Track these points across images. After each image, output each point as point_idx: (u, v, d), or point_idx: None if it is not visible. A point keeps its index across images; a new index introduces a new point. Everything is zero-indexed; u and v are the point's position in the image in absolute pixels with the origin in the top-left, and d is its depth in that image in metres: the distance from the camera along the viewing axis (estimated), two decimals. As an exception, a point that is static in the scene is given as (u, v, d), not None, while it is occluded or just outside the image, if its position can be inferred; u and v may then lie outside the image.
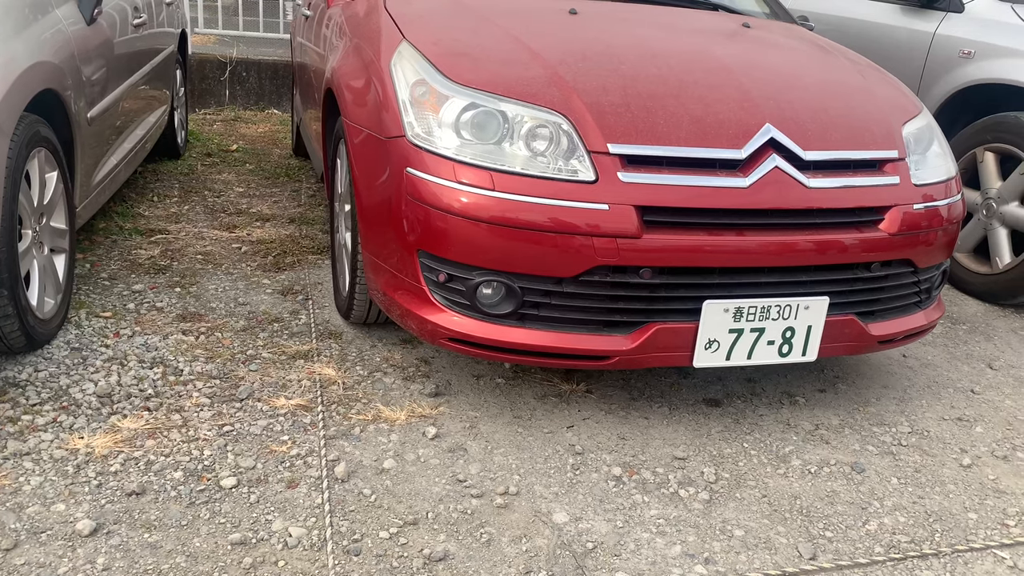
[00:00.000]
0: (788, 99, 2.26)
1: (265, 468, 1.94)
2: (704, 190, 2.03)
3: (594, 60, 2.26)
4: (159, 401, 2.17)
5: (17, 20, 2.24)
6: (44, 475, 1.84)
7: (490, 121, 2.08)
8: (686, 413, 2.36)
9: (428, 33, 2.37)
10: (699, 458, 2.15)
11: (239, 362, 2.43)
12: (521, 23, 2.48)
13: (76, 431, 2.01)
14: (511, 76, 2.16)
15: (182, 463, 1.93)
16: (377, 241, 2.29)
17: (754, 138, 2.11)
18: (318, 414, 2.18)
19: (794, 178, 2.10)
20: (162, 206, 3.86)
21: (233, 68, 6.49)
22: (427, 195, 2.07)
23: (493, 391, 2.39)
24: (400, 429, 2.15)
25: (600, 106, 2.09)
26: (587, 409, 2.34)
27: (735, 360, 2.14)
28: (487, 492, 1.93)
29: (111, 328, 2.56)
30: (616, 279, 2.02)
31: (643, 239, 1.98)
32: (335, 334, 2.67)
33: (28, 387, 2.18)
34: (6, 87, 2.05)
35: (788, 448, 2.23)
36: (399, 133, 2.16)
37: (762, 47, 2.60)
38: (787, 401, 2.49)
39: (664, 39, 2.49)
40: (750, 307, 2.09)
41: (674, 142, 2.06)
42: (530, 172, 2.01)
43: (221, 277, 3.06)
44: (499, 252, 2.01)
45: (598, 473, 2.05)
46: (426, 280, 2.14)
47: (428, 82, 2.17)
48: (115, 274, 2.99)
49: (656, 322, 2.07)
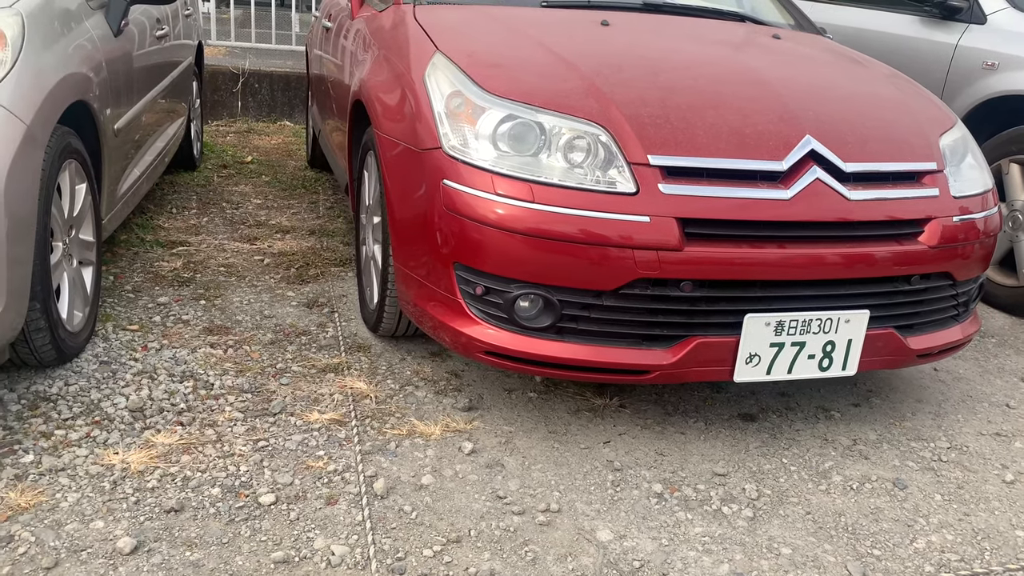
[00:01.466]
0: (826, 110, 2.24)
1: (303, 484, 1.91)
2: (746, 202, 2.01)
3: (630, 71, 2.25)
4: (192, 416, 2.15)
5: (49, 31, 2.22)
6: (81, 491, 1.81)
7: (528, 133, 2.06)
8: (722, 428, 2.33)
9: (461, 44, 2.36)
10: (739, 474, 2.12)
11: (269, 376, 2.40)
12: (554, 34, 2.46)
13: (110, 446, 1.98)
14: (548, 87, 2.14)
15: (219, 479, 1.90)
16: (410, 253, 2.27)
17: (795, 150, 2.09)
18: (352, 429, 2.16)
19: (835, 190, 2.08)
20: (181, 218, 3.84)
21: (245, 80, 6.49)
22: (464, 207, 2.05)
23: (526, 405, 2.36)
24: (436, 444, 2.12)
25: (639, 117, 2.07)
26: (622, 424, 2.31)
27: (775, 375, 2.12)
28: (528, 509, 1.90)
29: (139, 341, 2.53)
30: (656, 292, 2.00)
31: (684, 252, 1.96)
32: (363, 347, 2.64)
33: (59, 401, 2.16)
34: (40, 98, 2.04)
35: (828, 464, 2.20)
36: (435, 145, 2.15)
37: (795, 58, 2.58)
38: (822, 416, 2.46)
39: (698, 50, 2.48)
40: (791, 321, 2.07)
41: (714, 153, 2.04)
42: (569, 184, 1.99)
43: (245, 289, 3.03)
44: (538, 264, 1.98)
45: (639, 490, 2.02)
46: (462, 293, 2.11)
47: (464, 93, 2.16)
48: (139, 286, 2.97)
49: (696, 336, 2.04)
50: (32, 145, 1.97)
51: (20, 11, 2.09)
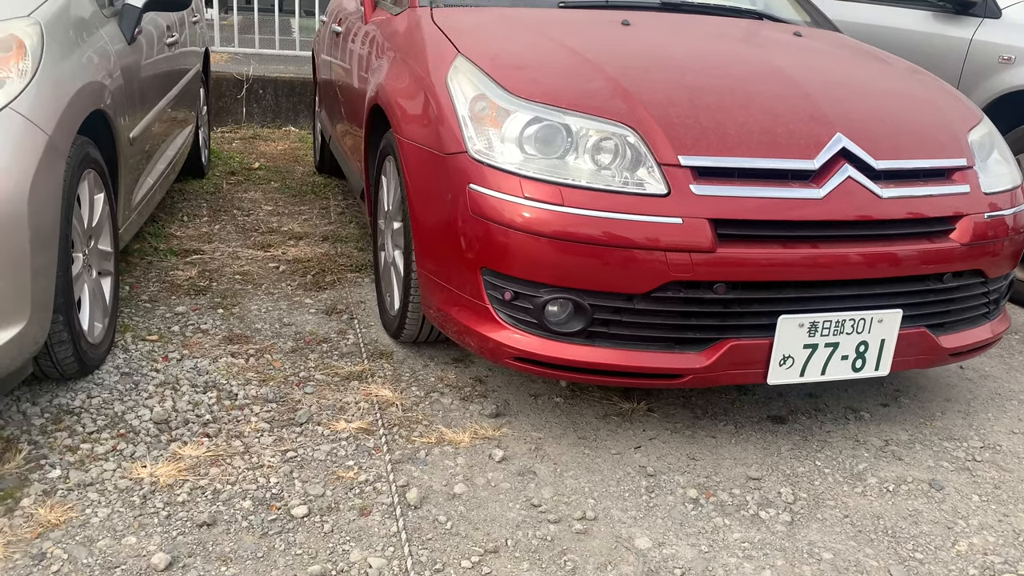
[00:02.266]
0: (854, 108, 2.21)
1: (335, 495, 1.88)
2: (779, 202, 1.98)
3: (656, 71, 2.22)
4: (217, 427, 2.12)
5: (66, 40, 2.19)
6: (111, 506, 1.78)
7: (555, 135, 2.03)
8: (753, 431, 2.30)
9: (483, 46, 2.33)
10: (773, 478, 2.09)
11: (293, 384, 2.37)
12: (575, 35, 2.44)
13: (137, 459, 1.95)
14: (574, 89, 2.11)
15: (250, 491, 1.87)
16: (434, 259, 2.24)
17: (826, 148, 2.06)
18: (380, 438, 2.13)
19: (867, 188, 2.06)
20: (193, 226, 3.81)
21: (249, 86, 6.47)
22: (491, 211, 2.02)
23: (553, 411, 2.33)
24: (465, 452, 2.10)
25: (668, 117, 2.04)
26: (651, 428, 2.28)
27: (809, 376, 2.09)
28: (564, 517, 1.87)
29: (159, 352, 2.50)
30: (689, 295, 1.97)
31: (717, 253, 1.93)
32: (385, 354, 2.61)
33: (83, 414, 2.13)
34: (61, 108, 2.01)
35: (862, 465, 2.17)
36: (459, 149, 2.12)
37: (819, 56, 2.56)
38: (852, 416, 2.43)
39: (721, 49, 2.45)
40: (825, 322, 2.04)
41: (745, 153, 2.01)
42: (599, 186, 1.96)
43: (262, 297, 3.01)
44: (568, 268, 1.96)
45: (674, 496, 1.99)
46: (490, 298, 2.08)
47: (488, 96, 2.13)
48: (155, 296, 2.94)
49: (730, 338, 2.02)
50: (54, 155, 1.94)
51: (39, 20, 2.06)
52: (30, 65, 1.95)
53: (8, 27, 1.96)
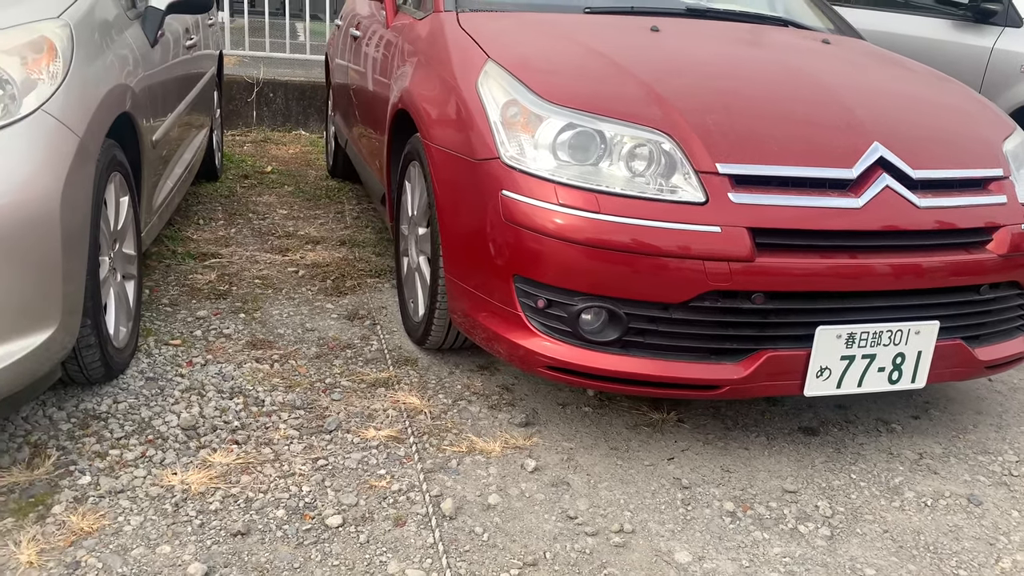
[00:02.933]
0: (889, 116, 2.19)
1: (368, 505, 1.85)
2: (818, 211, 1.96)
3: (690, 78, 2.20)
4: (246, 434, 2.09)
5: (94, 42, 2.17)
6: (143, 514, 1.75)
7: (589, 141, 2.01)
8: (785, 443, 2.28)
9: (513, 51, 2.31)
10: (810, 491, 2.06)
11: (319, 391, 2.35)
12: (606, 41, 2.42)
13: (167, 466, 1.92)
14: (608, 95, 2.09)
15: (282, 500, 1.84)
16: (464, 265, 2.22)
17: (863, 157, 2.04)
18: (411, 446, 2.10)
19: (905, 198, 2.03)
20: (209, 229, 3.79)
21: (260, 89, 6.45)
22: (525, 218, 2.00)
23: (583, 420, 2.31)
24: (497, 461, 2.07)
25: (704, 125, 2.02)
26: (683, 440, 2.25)
27: (845, 388, 2.06)
28: (601, 530, 1.84)
29: (183, 356, 2.48)
30: (726, 304, 1.94)
31: (756, 262, 1.91)
32: (410, 360, 2.59)
33: (110, 419, 2.10)
34: (92, 111, 1.99)
35: (898, 479, 2.14)
36: (491, 155, 2.10)
37: (850, 64, 2.54)
38: (884, 429, 2.40)
39: (753, 56, 2.43)
40: (862, 333, 2.01)
41: (783, 161, 1.99)
42: (634, 193, 1.94)
43: (283, 302, 2.98)
44: (603, 276, 1.93)
45: (710, 508, 1.96)
46: (522, 305, 2.06)
47: (520, 102, 2.11)
48: (175, 300, 2.92)
49: (767, 349, 1.99)
50: (84, 158, 1.92)
51: (68, 21, 2.04)
52: (61, 67, 1.92)
53: (38, 28, 1.94)
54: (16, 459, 1.91)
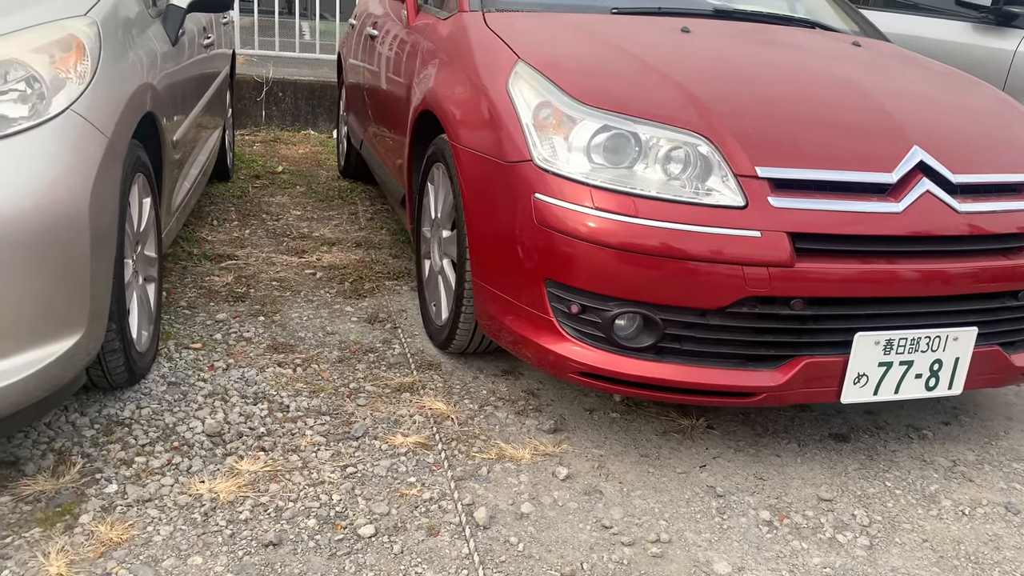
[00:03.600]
0: (927, 120, 2.16)
1: (400, 514, 1.82)
2: (858, 216, 1.92)
3: (725, 80, 2.17)
4: (272, 440, 2.06)
5: (119, 41, 2.14)
6: (173, 524, 1.72)
7: (624, 144, 1.98)
8: (817, 450, 2.24)
9: (543, 52, 2.28)
10: (845, 499, 2.03)
11: (344, 396, 2.31)
12: (636, 42, 2.38)
13: (195, 474, 1.89)
14: (643, 97, 2.06)
15: (313, 509, 1.81)
16: (493, 269, 2.19)
17: (903, 161, 2.00)
18: (440, 453, 2.06)
19: (945, 203, 2.00)
20: (223, 230, 3.75)
21: (269, 89, 6.42)
22: (558, 222, 1.96)
23: (611, 427, 2.27)
24: (528, 469, 2.03)
25: (743, 127, 1.99)
26: (714, 447, 2.22)
27: (882, 395, 2.03)
28: (638, 540, 1.81)
29: (204, 360, 2.44)
30: (765, 310, 1.91)
31: (796, 268, 1.88)
32: (433, 365, 2.55)
33: (134, 425, 2.07)
34: (119, 111, 1.95)
35: (933, 487, 2.11)
36: (523, 157, 2.06)
37: (882, 67, 2.51)
38: (915, 435, 2.37)
39: (786, 58, 2.40)
40: (900, 339, 1.98)
41: (822, 165, 1.96)
42: (672, 197, 1.91)
43: (302, 304, 2.95)
44: (639, 281, 1.90)
45: (746, 517, 1.93)
46: (554, 310, 2.02)
47: (553, 104, 2.07)
48: (193, 302, 2.88)
49: (804, 356, 1.96)
50: (112, 160, 1.89)
51: (95, 19, 2.00)
52: (89, 66, 1.89)
53: (66, 26, 1.90)
54: (41, 467, 1.88)
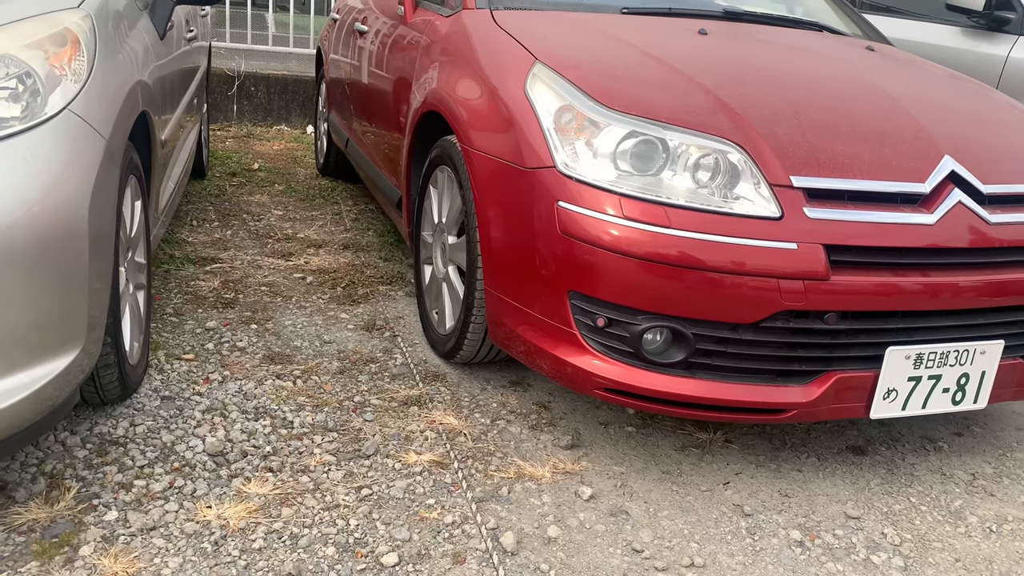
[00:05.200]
0: (954, 128, 2.12)
1: (423, 540, 1.72)
2: (893, 227, 1.87)
3: (751, 85, 2.10)
4: (280, 460, 1.94)
5: (111, 36, 2.00)
6: (181, 555, 1.60)
7: (652, 151, 1.90)
8: (836, 464, 2.20)
9: (561, 53, 2.19)
10: (872, 517, 1.98)
11: (349, 411, 2.20)
12: (655, 44, 2.31)
13: (200, 499, 1.77)
14: (671, 102, 1.98)
15: (330, 536, 1.70)
16: (507, 278, 2.10)
17: (935, 171, 1.96)
18: (456, 472, 1.97)
19: (977, 214, 1.96)
20: (203, 231, 3.60)
21: (241, 83, 6.23)
22: (583, 231, 1.88)
23: (628, 442, 2.20)
24: (549, 489, 1.95)
25: (775, 135, 1.92)
26: (734, 462, 2.16)
27: (910, 410, 1.99)
28: (671, 564, 1.74)
29: (198, 373, 2.32)
30: (798, 325, 1.85)
31: (831, 281, 1.82)
32: (438, 376, 2.46)
33: (129, 445, 1.94)
34: (116, 111, 1.82)
35: (957, 502, 2.08)
36: (544, 164, 1.98)
37: (902, 73, 2.46)
38: (930, 447, 2.34)
39: (807, 62, 2.34)
40: (930, 353, 1.94)
41: (856, 174, 1.90)
42: (704, 207, 1.84)
43: (295, 311, 2.82)
44: (671, 294, 1.83)
45: (777, 538, 1.87)
46: (577, 323, 1.94)
47: (576, 108, 1.99)
48: (180, 309, 2.75)
49: (835, 371, 1.90)
50: (110, 162, 1.76)
51: (89, 12, 1.87)
52: (85, 63, 1.76)
53: (60, 20, 1.77)
54: (32, 492, 1.74)
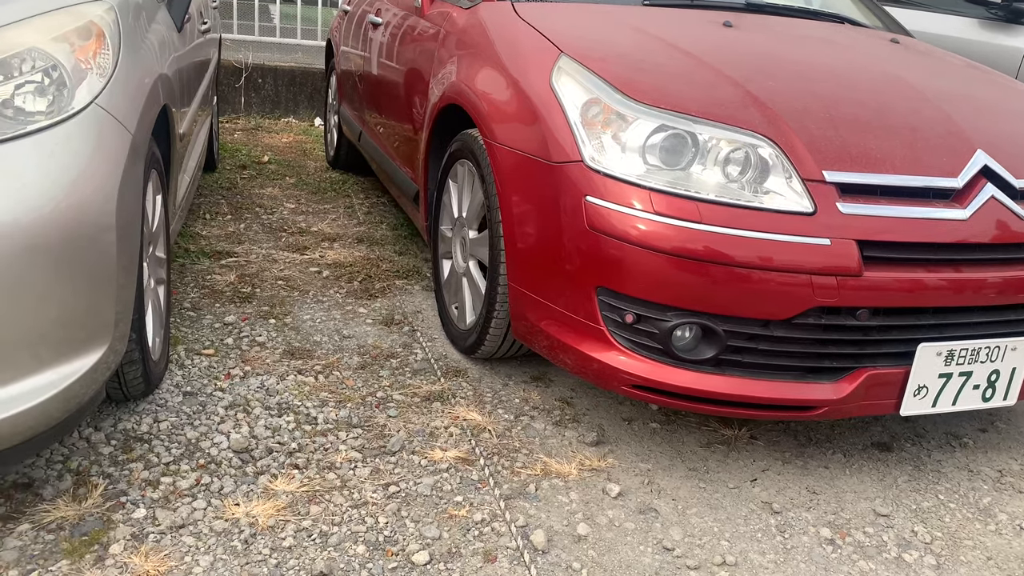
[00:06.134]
0: (988, 123, 2.09)
1: (452, 538, 1.71)
2: (926, 222, 1.85)
3: (780, 78, 2.08)
4: (305, 457, 1.93)
5: (133, 28, 1.98)
6: (212, 553, 1.59)
7: (681, 145, 1.88)
8: (863, 460, 2.18)
9: (586, 45, 2.16)
10: (901, 514, 1.97)
11: (372, 407, 2.19)
12: (680, 36, 2.28)
13: (227, 496, 1.76)
14: (700, 95, 1.96)
15: (359, 534, 1.69)
16: (532, 273, 2.08)
17: (968, 166, 1.94)
18: (483, 469, 1.96)
19: (1009, 208, 1.94)
20: (216, 224, 3.58)
21: (249, 75, 6.20)
22: (612, 227, 1.86)
23: (652, 438, 2.19)
24: (576, 486, 1.94)
25: (807, 129, 1.90)
26: (760, 459, 2.14)
27: (940, 407, 1.97)
28: (703, 563, 1.72)
29: (219, 368, 2.30)
30: (830, 321, 1.83)
31: (864, 277, 1.80)
32: (459, 371, 2.44)
33: (154, 441, 1.92)
34: (140, 105, 1.80)
35: (986, 499, 2.06)
36: (570, 158, 1.95)
37: (930, 67, 2.44)
38: (956, 443, 2.32)
39: (834, 56, 2.32)
40: (961, 350, 1.92)
41: (888, 169, 1.88)
42: (735, 201, 1.81)
43: (312, 306, 2.81)
44: (702, 291, 1.81)
45: (807, 536, 1.85)
46: (605, 319, 1.92)
47: (603, 101, 1.97)
48: (198, 304, 2.73)
49: (866, 367, 1.89)
50: (136, 157, 1.74)
51: (112, 4, 1.84)
52: (110, 56, 1.73)
53: (85, 12, 1.74)
54: (59, 489, 1.73)
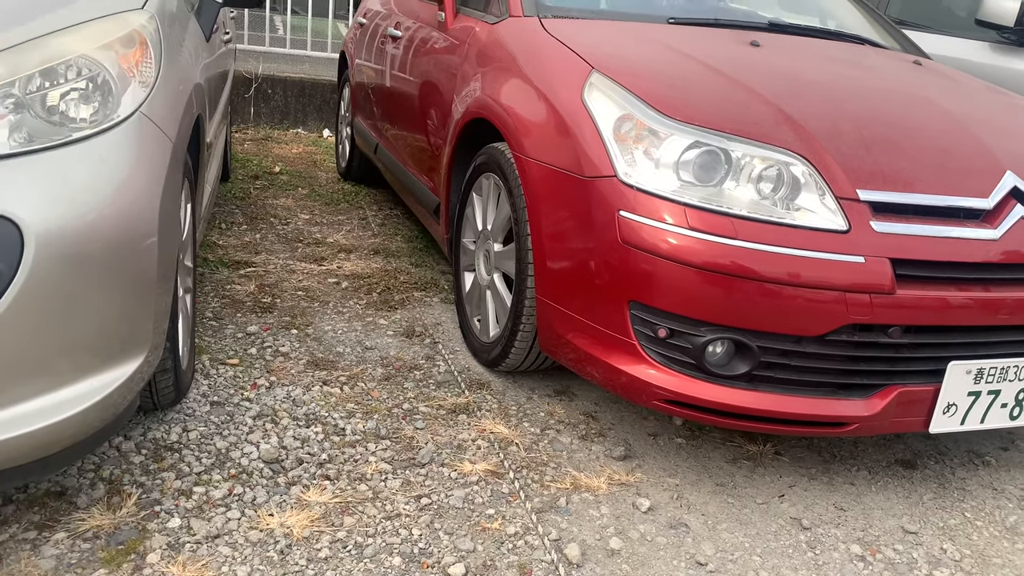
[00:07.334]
0: (1015, 144, 2.11)
1: (487, 551, 1.71)
2: (957, 242, 1.87)
3: (811, 98, 2.10)
4: (336, 468, 1.93)
5: (171, 37, 1.99)
6: (249, 564, 1.58)
7: (715, 162, 1.90)
8: (888, 477, 2.19)
9: (618, 62, 2.18)
10: (929, 532, 1.97)
11: (399, 418, 2.19)
12: (709, 54, 2.30)
13: (261, 507, 1.75)
14: (733, 113, 1.98)
15: (394, 546, 1.69)
16: (563, 287, 2.09)
17: (998, 187, 1.96)
18: (513, 482, 1.96)
19: (1039, 230, 1.96)
20: (233, 234, 3.59)
21: (258, 85, 6.22)
22: (646, 242, 1.87)
23: (679, 453, 2.19)
24: (607, 500, 1.94)
25: (839, 148, 1.92)
26: (786, 475, 2.15)
27: (969, 425, 1.98)
28: (737, 578, 1.73)
29: (244, 378, 2.30)
30: (863, 338, 1.84)
31: (897, 295, 1.81)
32: (483, 384, 2.44)
33: (184, 451, 1.92)
34: (180, 114, 1.81)
35: (1012, 518, 2.07)
36: (604, 173, 1.97)
37: (955, 88, 2.46)
38: (978, 461, 2.33)
39: (862, 76, 2.34)
40: (990, 368, 1.93)
41: (920, 189, 1.90)
42: (770, 218, 1.83)
43: (333, 317, 2.81)
44: (736, 307, 1.82)
45: (837, 552, 1.86)
46: (637, 333, 1.93)
47: (636, 117, 1.98)
48: (220, 313, 2.73)
49: (897, 385, 1.90)
50: (176, 166, 1.75)
51: (153, 12, 1.85)
52: (153, 65, 1.74)
53: (128, 21, 1.75)
54: (93, 498, 1.73)
